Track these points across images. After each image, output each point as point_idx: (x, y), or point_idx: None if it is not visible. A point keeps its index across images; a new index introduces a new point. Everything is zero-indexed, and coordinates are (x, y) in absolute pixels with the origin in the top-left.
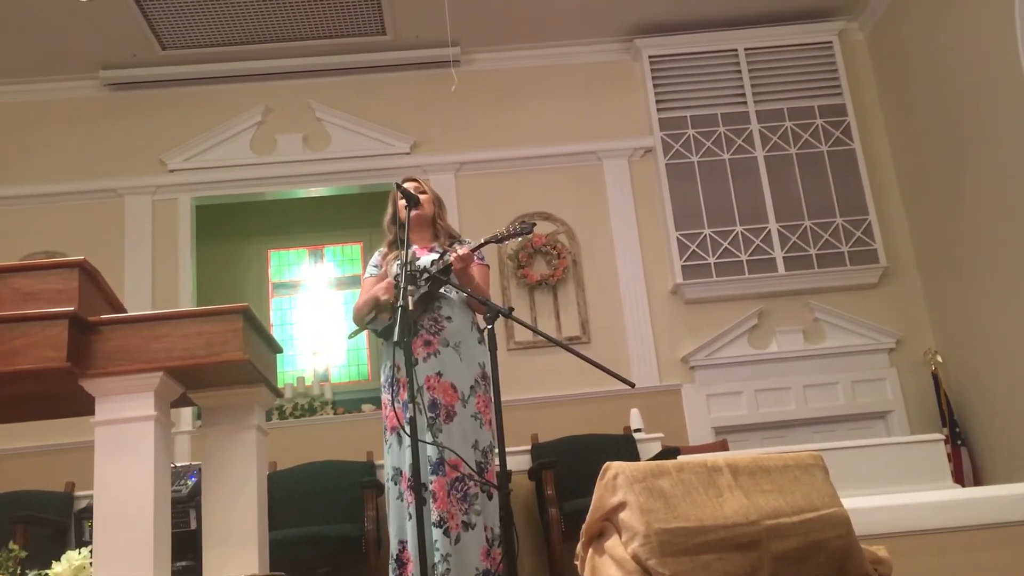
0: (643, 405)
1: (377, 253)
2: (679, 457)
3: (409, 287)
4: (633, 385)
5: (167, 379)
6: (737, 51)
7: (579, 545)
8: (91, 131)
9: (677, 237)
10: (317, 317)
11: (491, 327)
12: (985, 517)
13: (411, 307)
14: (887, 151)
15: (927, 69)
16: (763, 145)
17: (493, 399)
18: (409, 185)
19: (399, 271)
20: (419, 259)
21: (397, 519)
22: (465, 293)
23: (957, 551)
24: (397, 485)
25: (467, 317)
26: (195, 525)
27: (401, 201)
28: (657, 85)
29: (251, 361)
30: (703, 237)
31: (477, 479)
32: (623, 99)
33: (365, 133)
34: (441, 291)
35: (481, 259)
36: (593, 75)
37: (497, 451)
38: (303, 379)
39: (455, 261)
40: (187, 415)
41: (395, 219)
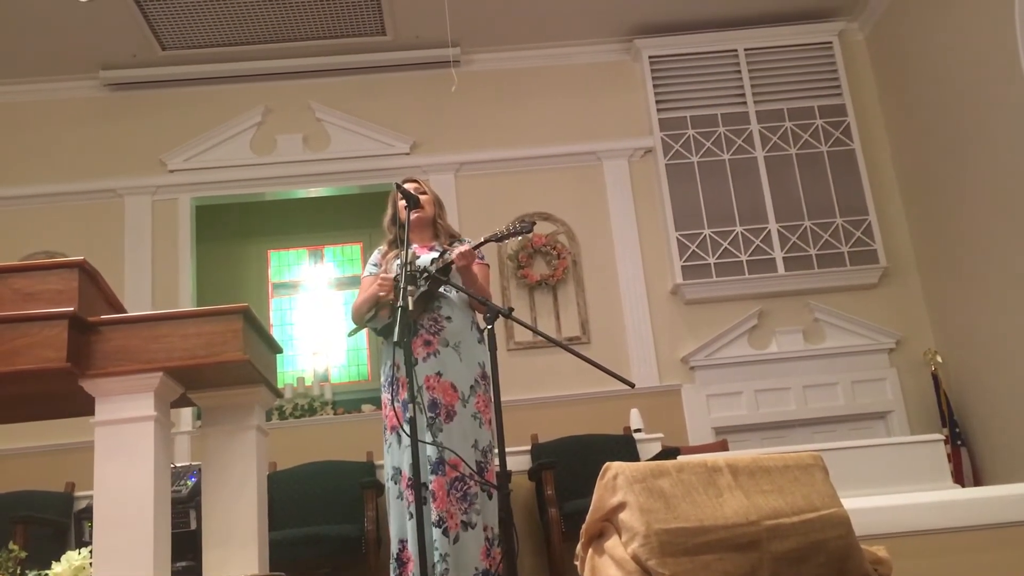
0: (643, 405)
1: (377, 252)
2: (679, 457)
3: (409, 287)
4: (633, 385)
5: (167, 379)
6: (737, 51)
7: (579, 545)
8: (91, 131)
9: (677, 237)
10: (317, 317)
11: (491, 327)
12: (985, 517)
13: (411, 307)
14: (887, 151)
15: (927, 69)
16: (763, 145)
17: (493, 399)
18: (409, 186)
19: (399, 271)
20: (419, 258)
21: (397, 518)
22: (465, 293)
23: (957, 551)
24: (397, 484)
25: (467, 317)
26: (195, 525)
27: (401, 202)
28: (657, 85)
29: (251, 361)
30: (703, 237)
31: (477, 479)
32: (623, 99)
33: (365, 133)
34: (441, 291)
35: (481, 258)
36: (593, 75)
37: (497, 451)
38: (303, 379)
39: (457, 258)
40: (187, 415)
41: (395, 220)
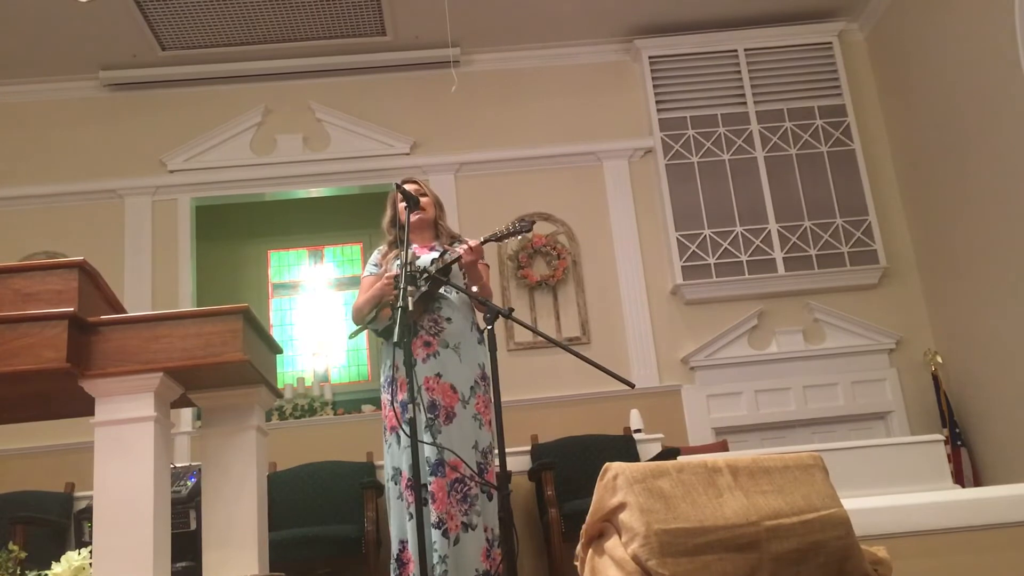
0: (643, 406)
1: (377, 252)
2: (679, 458)
3: (409, 287)
4: (633, 386)
5: (167, 380)
6: (737, 52)
7: (579, 546)
8: (91, 131)
9: (677, 238)
10: (317, 318)
11: (491, 328)
12: (985, 518)
13: (411, 307)
14: (887, 151)
15: (927, 69)
16: (763, 146)
17: (493, 400)
18: (409, 187)
19: (399, 271)
20: (419, 259)
21: (397, 519)
22: (465, 294)
23: (957, 552)
24: (397, 485)
25: (467, 318)
26: (195, 526)
27: (401, 203)
28: (657, 86)
29: (251, 362)
30: (703, 238)
31: (477, 480)
32: (623, 100)
33: (365, 133)
34: (441, 292)
35: (481, 258)
36: (593, 76)
37: (497, 452)
38: (303, 380)
39: (466, 253)
40: (187, 415)
41: (394, 221)
